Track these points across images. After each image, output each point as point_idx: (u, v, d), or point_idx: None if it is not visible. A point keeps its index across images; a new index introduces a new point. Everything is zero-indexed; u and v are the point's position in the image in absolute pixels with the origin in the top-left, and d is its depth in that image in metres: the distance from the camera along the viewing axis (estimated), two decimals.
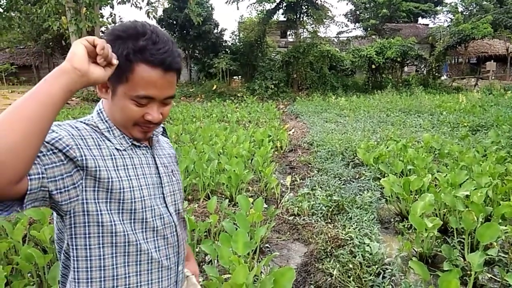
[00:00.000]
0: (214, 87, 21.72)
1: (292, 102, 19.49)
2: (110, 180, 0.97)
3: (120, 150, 1.04)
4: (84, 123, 1.04)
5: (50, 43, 27.96)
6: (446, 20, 39.01)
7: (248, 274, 2.29)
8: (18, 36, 28.61)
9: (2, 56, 30.29)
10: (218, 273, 2.65)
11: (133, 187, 1.01)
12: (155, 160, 1.13)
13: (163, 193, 1.11)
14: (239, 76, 26.21)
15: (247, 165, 5.86)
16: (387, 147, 6.42)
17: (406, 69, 26.66)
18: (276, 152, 7.67)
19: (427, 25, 35.17)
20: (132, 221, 1.01)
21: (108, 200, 0.97)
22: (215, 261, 2.92)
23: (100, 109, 1.08)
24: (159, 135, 1.24)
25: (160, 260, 1.07)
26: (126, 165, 1.03)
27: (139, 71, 0.96)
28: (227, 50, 25.38)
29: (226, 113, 13.20)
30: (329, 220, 4.07)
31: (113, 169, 0.99)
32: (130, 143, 1.08)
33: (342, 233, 3.61)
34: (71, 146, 0.90)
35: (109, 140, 1.03)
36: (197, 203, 4.55)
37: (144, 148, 1.12)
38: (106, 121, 1.06)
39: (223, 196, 4.86)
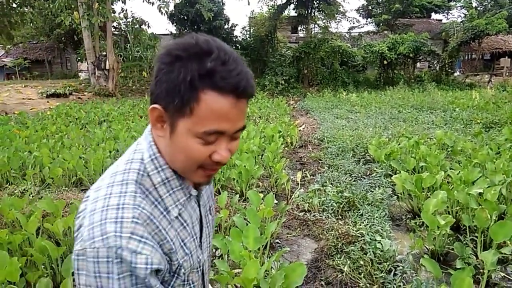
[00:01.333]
0: None
1: (302, 98, 19.43)
2: (171, 263, 0.85)
3: (175, 220, 0.87)
4: (138, 184, 0.82)
5: (63, 38, 28.25)
6: (460, 16, 38.48)
7: (259, 269, 2.30)
8: (31, 31, 28.99)
9: (16, 51, 30.70)
10: (229, 268, 2.66)
11: (183, 258, 0.88)
12: (200, 209, 0.97)
13: (200, 241, 0.97)
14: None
15: (257, 160, 5.86)
16: (399, 144, 6.37)
17: (418, 65, 26.37)
18: (286, 148, 7.66)
19: (441, 20, 34.75)
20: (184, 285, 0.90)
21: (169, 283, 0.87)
22: (226, 255, 2.93)
23: (154, 153, 0.86)
24: None
25: None
26: (183, 241, 0.88)
27: (207, 101, 0.75)
28: (237, 45, 25.36)
29: None
30: (340, 217, 4.06)
31: (172, 251, 0.85)
32: (189, 195, 0.91)
33: (353, 230, 3.59)
34: (160, 263, 0.78)
35: (165, 205, 0.85)
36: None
37: (193, 198, 0.95)
38: (162, 170, 0.85)
39: (233, 191, 4.87)
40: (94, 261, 0.72)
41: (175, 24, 27.04)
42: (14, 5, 20.17)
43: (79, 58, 24.89)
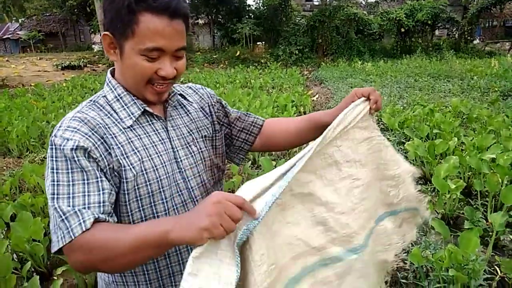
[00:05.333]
0: (238, 53, 21.52)
1: (316, 68, 19.15)
2: (123, 169, 0.94)
3: (131, 129, 0.99)
4: (92, 102, 1.02)
5: (75, 10, 28.17)
6: None
7: None
8: (43, 3, 28.92)
9: (30, 24, 30.80)
10: None
11: (145, 170, 0.96)
12: (168, 134, 1.05)
13: (179, 168, 1.03)
14: (263, 42, 25.78)
15: None
16: (413, 112, 6.31)
17: (437, 32, 25.59)
18: None
19: None
20: (153, 204, 0.98)
21: (126, 192, 0.95)
22: None
23: (108, 78, 1.05)
24: (184, 100, 1.16)
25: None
26: (137, 148, 0.97)
27: (145, 21, 0.89)
28: (250, 14, 24.91)
29: (250, 79, 13.15)
30: None
31: (123, 157, 0.95)
32: (142, 109, 1.01)
33: None
34: (89, 149, 0.91)
35: (118, 116, 0.99)
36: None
37: (156, 121, 1.05)
38: (115, 89, 1.02)
39: (246, 159, 4.94)
40: (48, 154, 0.91)
41: None
42: None
43: (92, 30, 24.88)
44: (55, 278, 2.42)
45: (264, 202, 0.80)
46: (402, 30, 21.78)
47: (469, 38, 22.38)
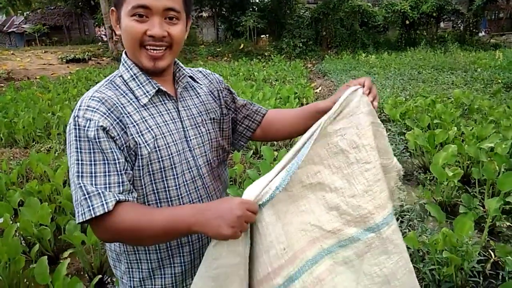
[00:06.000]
0: (241, 46, 21.49)
1: (320, 60, 19.10)
2: (138, 147, 1.00)
3: (145, 108, 1.05)
4: (109, 81, 1.07)
5: (80, 3, 28.17)
6: None
7: None
8: None
9: (34, 17, 30.88)
10: None
11: (159, 147, 1.02)
12: (179, 114, 1.11)
13: (189, 146, 1.10)
14: (267, 35, 25.71)
15: None
16: (415, 103, 6.33)
17: (442, 25, 25.38)
18: None
19: None
20: (165, 179, 1.04)
21: (140, 168, 1.01)
22: None
23: (123, 59, 1.10)
24: (194, 82, 1.22)
25: None
26: (150, 127, 1.03)
27: None
28: (254, 7, 24.81)
29: (253, 72, 13.17)
30: None
31: (138, 135, 1.00)
32: (156, 88, 1.06)
33: None
34: (108, 128, 0.96)
35: (133, 95, 1.05)
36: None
37: (169, 101, 1.11)
38: (130, 68, 1.07)
39: (248, 149, 5.01)
40: (68, 133, 0.98)
41: None
42: None
43: (96, 23, 24.91)
44: (61, 261, 2.50)
45: (280, 178, 0.94)
46: (407, 22, 21.63)
47: (474, 30, 22.20)
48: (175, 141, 1.07)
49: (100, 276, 2.24)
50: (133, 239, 0.96)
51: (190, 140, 1.11)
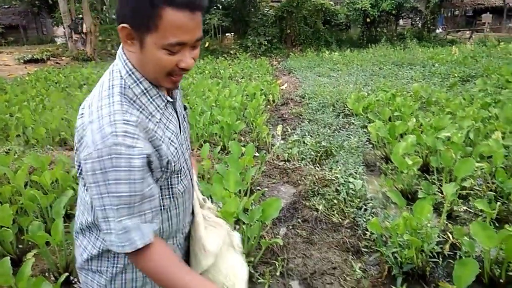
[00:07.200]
0: (206, 44, 21.36)
1: (285, 58, 19.30)
2: (170, 163, 1.02)
3: (160, 121, 1.02)
4: (124, 96, 0.96)
5: (36, 2, 27.11)
6: None
7: (239, 205, 2.48)
8: None
9: None
10: None
11: (173, 154, 1.04)
12: (177, 114, 1.12)
13: (181, 143, 1.12)
14: (232, 33, 25.69)
15: (239, 117, 5.98)
16: (377, 97, 6.54)
17: (401, 22, 26.21)
18: (268, 106, 7.76)
19: None
20: (170, 178, 1.07)
21: (165, 179, 1.05)
22: (208, 198, 3.10)
23: (130, 69, 0.99)
24: None
25: (185, 200, 1.16)
26: (169, 138, 1.04)
27: (168, 17, 0.89)
28: (218, 5, 24.73)
29: (219, 70, 13.14)
30: (318, 164, 4.26)
31: (168, 152, 1.02)
32: (166, 101, 1.04)
33: (329, 174, 3.80)
34: (150, 155, 0.95)
35: (147, 110, 1.00)
36: (191, 152, 4.71)
37: (170, 104, 1.09)
38: (140, 82, 0.99)
39: (216, 145, 5.01)
40: (99, 160, 0.89)
41: None
42: None
43: (54, 22, 24.10)
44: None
45: None
46: (368, 20, 22.20)
47: (431, 27, 23.08)
48: (180, 142, 1.10)
49: (67, 274, 2.19)
50: (156, 280, 1.00)
51: (181, 134, 1.14)
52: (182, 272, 0.98)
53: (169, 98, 1.07)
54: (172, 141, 1.04)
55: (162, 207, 1.08)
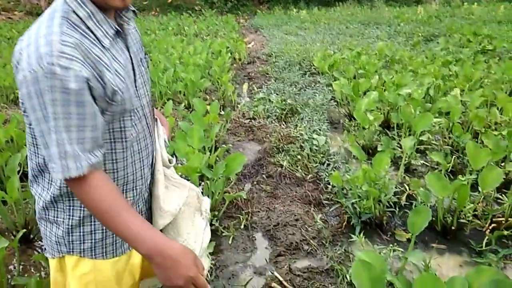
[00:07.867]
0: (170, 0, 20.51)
1: (252, 16, 18.87)
2: (114, 93, 0.95)
3: (107, 49, 0.96)
4: (65, 19, 0.90)
5: None
6: None
7: (202, 160, 2.47)
8: None
9: None
10: None
11: (121, 89, 0.97)
12: (128, 51, 1.05)
13: (135, 87, 1.06)
14: None
15: (204, 74, 5.86)
16: (342, 55, 6.55)
17: None
18: (234, 64, 7.64)
19: None
20: (123, 119, 1.02)
21: (112, 113, 0.98)
22: (173, 156, 3.08)
23: None
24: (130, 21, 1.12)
25: (141, 149, 1.12)
26: (116, 70, 0.98)
27: None
28: None
29: (183, 27, 12.70)
30: (283, 122, 4.28)
31: (113, 81, 0.95)
32: (115, 29, 0.98)
33: (293, 132, 3.84)
34: (90, 79, 0.89)
35: (94, 36, 0.94)
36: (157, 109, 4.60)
37: (120, 38, 1.03)
38: (85, 4, 0.93)
39: (179, 102, 4.92)
40: (34, 83, 0.84)
41: None
42: None
43: None
44: None
45: None
46: None
47: None
48: (131, 82, 1.04)
49: (25, 230, 2.14)
50: (97, 213, 0.96)
51: (136, 80, 1.07)
52: (120, 207, 0.94)
53: (118, 28, 1.00)
54: (119, 73, 0.98)
55: (114, 151, 1.04)
